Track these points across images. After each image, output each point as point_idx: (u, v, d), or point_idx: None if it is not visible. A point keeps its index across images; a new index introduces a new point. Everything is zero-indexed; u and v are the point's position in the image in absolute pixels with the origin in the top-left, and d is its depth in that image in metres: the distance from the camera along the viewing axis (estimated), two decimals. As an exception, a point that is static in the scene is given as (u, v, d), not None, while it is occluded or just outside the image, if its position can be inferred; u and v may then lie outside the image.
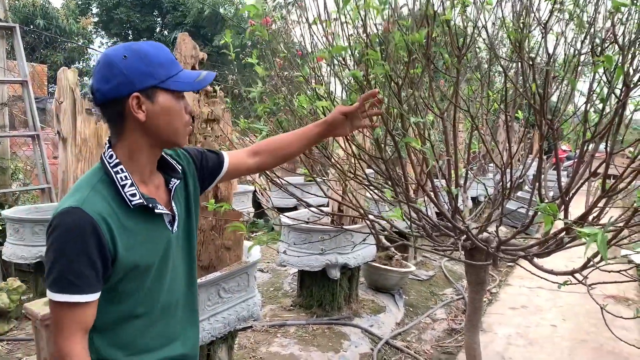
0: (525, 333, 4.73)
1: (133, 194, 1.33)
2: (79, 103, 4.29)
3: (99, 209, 1.27)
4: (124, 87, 1.30)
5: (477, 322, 2.55)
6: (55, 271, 1.24)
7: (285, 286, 5.40)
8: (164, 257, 1.44)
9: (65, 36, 22.05)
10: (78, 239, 1.23)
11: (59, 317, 1.26)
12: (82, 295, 1.25)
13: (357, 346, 4.15)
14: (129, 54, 1.31)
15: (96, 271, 1.27)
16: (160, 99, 1.33)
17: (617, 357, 4.27)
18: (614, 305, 5.34)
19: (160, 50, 1.36)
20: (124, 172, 1.34)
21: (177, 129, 1.39)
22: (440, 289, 5.89)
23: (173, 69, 1.36)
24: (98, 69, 1.33)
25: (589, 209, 1.85)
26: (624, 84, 1.63)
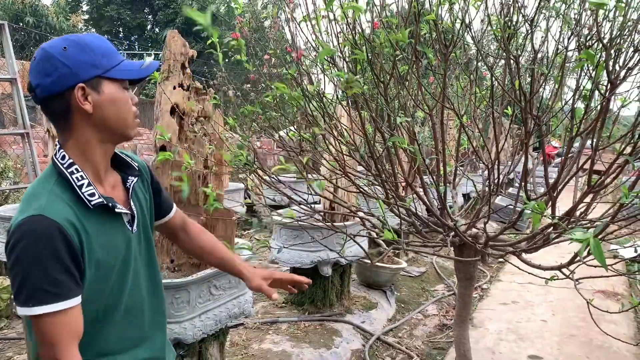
0: (516, 328, 4.77)
1: (91, 194, 1.28)
2: (69, 101, 4.26)
3: (62, 212, 1.21)
4: (67, 79, 1.24)
5: (466, 317, 2.57)
6: (28, 285, 1.16)
7: (277, 283, 5.41)
8: (126, 258, 1.39)
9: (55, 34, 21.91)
10: (47, 246, 1.16)
11: (45, 332, 1.18)
12: (64, 302, 1.18)
13: (349, 342, 4.17)
14: (69, 45, 1.26)
15: (72, 276, 1.20)
16: (106, 89, 1.29)
17: (607, 352, 4.32)
18: (603, 300, 5.39)
19: (102, 41, 1.32)
20: (79, 172, 1.29)
21: (126, 120, 1.34)
22: (431, 285, 5.92)
23: (115, 59, 1.31)
24: (35, 64, 1.26)
25: (575, 204, 1.87)
26: (608, 80, 1.64)
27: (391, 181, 2.23)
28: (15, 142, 7.16)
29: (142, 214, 1.48)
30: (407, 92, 2.00)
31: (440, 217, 2.03)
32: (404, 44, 1.79)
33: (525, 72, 1.94)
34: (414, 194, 2.21)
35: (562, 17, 1.97)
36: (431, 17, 1.67)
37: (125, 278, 1.39)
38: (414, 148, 1.63)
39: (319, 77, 2.32)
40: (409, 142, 2.19)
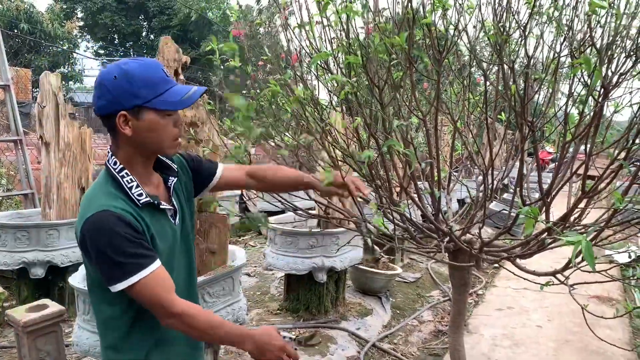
0: (511, 334, 4.76)
1: (140, 194, 1.48)
2: (62, 107, 4.25)
3: (120, 207, 1.41)
4: (112, 105, 1.43)
5: (461, 323, 2.56)
6: (113, 266, 1.38)
7: (272, 290, 5.38)
8: (172, 246, 1.58)
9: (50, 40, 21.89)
10: (118, 232, 1.37)
11: (146, 294, 1.41)
12: (149, 267, 1.40)
13: (344, 349, 4.15)
14: (119, 75, 1.42)
15: (145, 247, 1.42)
16: (147, 116, 1.45)
17: (602, 357, 4.31)
18: (598, 305, 5.40)
19: (150, 70, 1.46)
20: (128, 176, 1.49)
21: (163, 143, 1.51)
22: (427, 291, 5.91)
23: (161, 87, 1.45)
24: (95, 85, 1.47)
25: (569, 210, 1.87)
26: (602, 86, 1.65)
27: (385, 186, 2.22)
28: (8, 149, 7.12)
29: (182, 209, 1.67)
30: (402, 97, 2.00)
31: (435, 222, 2.02)
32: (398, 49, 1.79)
33: (519, 77, 1.95)
34: (409, 199, 2.20)
35: (554, 23, 1.98)
36: (427, 21, 1.67)
37: (171, 264, 1.57)
38: (409, 152, 1.63)
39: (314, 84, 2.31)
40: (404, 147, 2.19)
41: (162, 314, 1.44)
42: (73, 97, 23.96)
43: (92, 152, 4.54)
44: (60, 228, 4.20)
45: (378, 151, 2.04)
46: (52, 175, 4.28)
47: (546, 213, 2.09)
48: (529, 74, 1.78)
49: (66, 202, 4.35)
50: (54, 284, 4.36)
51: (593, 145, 1.78)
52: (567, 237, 1.42)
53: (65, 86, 24.17)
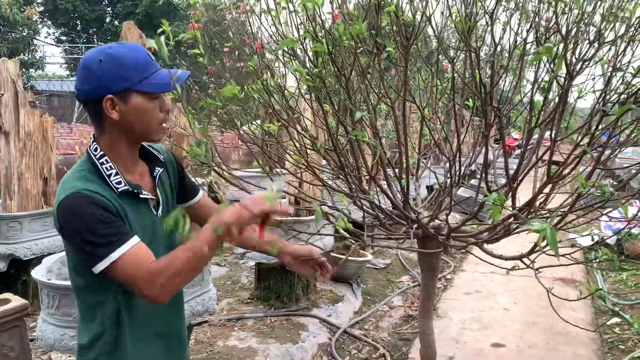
0: (479, 317, 4.85)
1: (118, 182, 1.45)
2: (22, 95, 4.11)
3: (96, 191, 1.39)
4: (99, 90, 1.40)
5: (430, 308, 2.59)
6: (88, 246, 1.36)
7: (242, 279, 5.36)
8: (152, 239, 1.52)
9: (9, 26, 21.13)
10: (90, 213, 1.35)
11: (125, 273, 1.37)
12: (127, 242, 1.37)
13: (315, 336, 4.16)
14: (104, 58, 1.40)
15: (120, 225, 1.38)
16: (133, 100, 1.43)
17: (566, 337, 4.43)
18: (562, 287, 5.54)
19: (136, 53, 1.45)
20: (108, 163, 1.46)
21: (149, 127, 1.48)
22: (397, 277, 5.97)
23: (147, 70, 1.44)
24: (78, 70, 1.44)
25: (534, 195, 1.90)
26: (567, 72, 1.66)
27: (354, 174, 2.22)
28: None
29: (167, 200, 1.63)
30: (369, 84, 1.99)
31: (403, 210, 2.03)
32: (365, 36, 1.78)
33: (486, 64, 1.96)
34: (377, 187, 2.20)
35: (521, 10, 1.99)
36: (391, 9, 1.65)
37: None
38: (374, 142, 1.62)
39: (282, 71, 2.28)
40: (372, 136, 2.18)
41: (143, 284, 1.37)
42: (34, 85, 23.26)
43: (54, 141, 4.42)
44: (23, 220, 4.08)
45: (347, 139, 2.03)
46: (13, 165, 4.15)
47: (512, 199, 2.12)
48: (494, 61, 1.79)
49: (28, 193, 4.23)
50: (17, 277, 4.25)
51: (557, 131, 1.80)
52: (532, 225, 1.44)
53: (26, 74, 23.43)
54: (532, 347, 4.23)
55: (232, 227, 1.37)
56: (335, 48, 1.69)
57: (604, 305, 5.08)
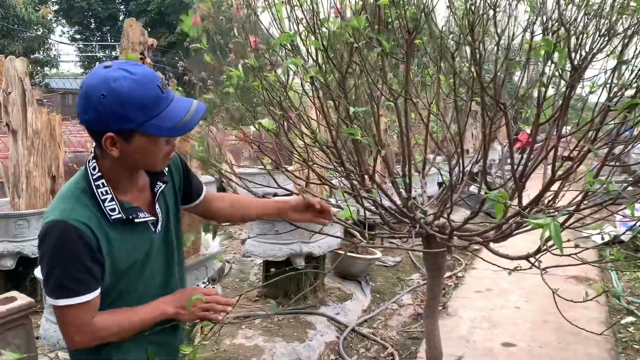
0: (490, 316, 4.78)
1: (112, 209, 1.38)
2: (29, 93, 4.12)
3: (83, 219, 1.32)
4: (98, 124, 1.30)
5: (436, 308, 2.54)
6: (52, 280, 1.32)
7: (251, 277, 5.35)
8: (146, 255, 1.50)
9: (24, 25, 21.35)
10: (68, 249, 1.30)
11: (67, 317, 1.36)
12: (82, 296, 1.34)
13: (323, 335, 4.13)
14: (107, 93, 1.25)
15: (92, 274, 1.34)
16: (137, 141, 1.32)
17: (579, 336, 4.35)
18: (575, 285, 5.44)
19: (145, 89, 1.28)
20: (104, 187, 1.38)
21: (154, 162, 1.42)
22: (406, 275, 5.92)
23: (156, 108, 1.30)
24: (79, 95, 1.31)
25: (539, 193, 1.84)
26: (572, 66, 1.61)
27: (357, 172, 2.17)
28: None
29: (167, 216, 1.58)
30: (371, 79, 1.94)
31: (404, 210, 1.98)
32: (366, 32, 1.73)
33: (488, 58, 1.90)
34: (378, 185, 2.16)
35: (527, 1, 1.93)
36: (384, 2, 1.60)
37: (142, 272, 1.51)
38: (368, 140, 1.58)
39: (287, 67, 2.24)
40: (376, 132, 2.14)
41: (74, 337, 1.39)
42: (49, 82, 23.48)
43: (62, 139, 4.43)
44: (30, 218, 4.10)
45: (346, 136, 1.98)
46: (21, 164, 4.16)
47: (519, 196, 2.06)
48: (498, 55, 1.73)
49: (36, 191, 4.24)
50: (25, 275, 4.27)
51: (563, 127, 1.74)
52: (535, 220, 1.39)
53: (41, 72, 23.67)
54: (543, 347, 4.15)
55: (179, 311, 1.48)
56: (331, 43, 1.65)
57: (619, 304, 4.98)
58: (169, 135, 1.36)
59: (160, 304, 1.50)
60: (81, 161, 6.62)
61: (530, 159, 2.16)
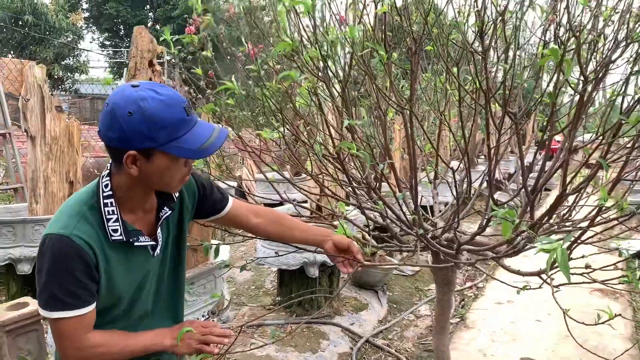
0: (510, 329, 4.65)
1: (115, 230, 1.38)
2: (48, 100, 4.17)
3: (86, 237, 1.33)
4: (121, 142, 1.29)
5: (445, 324, 2.46)
6: (47, 292, 1.32)
7: (267, 284, 5.31)
8: (142, 281, 1.51)
9: (55, 32, 21.85)
10: (67, 264, 1.30)
11: (61, 330, 1.35)
12: (77, 310, 1.34)
13: (336, 346, 4.06)
14: (135, 111, 1.26)
15: (88, 289, 1.35)
16: (157, 160, 1.33)
17: (602, 352, 4.19)
18: (601, 298, 5.27)
19: (172, 110, 1.30)
20: (112, 206, 1.39)
21: (170, 184, 1.42)
22: (425, 285, 5.81)
23: (180, 130, 1.31)
24: (103, 113, 1.31)
25: (550, 208, 1.76)
26: (583, 76, 1.53)
27: (362, 184, 2.12)
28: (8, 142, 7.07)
29: (167, 239, 1.57)
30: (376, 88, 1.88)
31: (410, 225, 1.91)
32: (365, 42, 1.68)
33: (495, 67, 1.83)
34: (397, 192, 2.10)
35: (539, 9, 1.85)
36: (384, 9, 1.55)
37: (138, 294, 1.52)
38: (363, 154, 1.52)
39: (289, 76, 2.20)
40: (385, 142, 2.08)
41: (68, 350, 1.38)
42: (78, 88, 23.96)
43: (80, 145, 4.47)
44: (47, 223, 4.12)
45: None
46: (39, 169, 4.21)
47: (530, 210, 1.98)
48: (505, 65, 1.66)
49: (54, 197, 4.29)
50: (43, 280, 4.30)
51: (573, 140, 1.66)
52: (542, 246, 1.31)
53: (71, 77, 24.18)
54: (564, 363, 4.01)
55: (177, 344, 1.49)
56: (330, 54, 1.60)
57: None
58: (192, 157, 1.37)
59: (159, 334, 1.51)
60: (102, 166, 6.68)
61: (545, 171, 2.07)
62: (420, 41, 1.75)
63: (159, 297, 1.62)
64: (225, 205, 1.75)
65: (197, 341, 1.50)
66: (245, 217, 1.81)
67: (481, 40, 1.78)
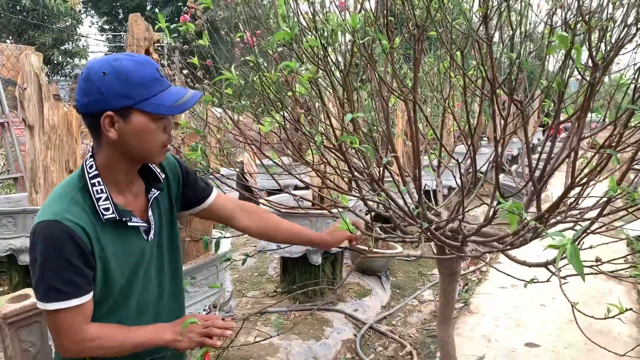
0: (514, 314, 4.64)
1: (106, 208, 1.37)
2: (45, 88, 4.11)
3: (76, 219, 1.31)
4: (98, 104, 1.31)
5: (450, 314, 2.43)
6: (43, 283, 1.30)
7: (270, 271, 5.30)
8: (138, 264, 1.48)
9: (53, 16, 21.62)
10: (59, 251, 1.29)
11: (59, 322, 1.33)
12: (74, 300, 1.32)
13: (340, 332, 4.05)
14: (109, 71, 1.30)
15: (84, 276, 1.33)
16: (135, 119, 1.33)
17: (607, 337, 4.19)
18: (605, 282, 5.24)
19: (144, 68, 1.33)
20: (100, 185, 1.38)
21: (149, 150, 1.40)
22: (428, 269, 5.79)
23: (154, 88, 1.34)
24: (80, 81, 1.34)
25: (558, 199, 1.71)
26: (592, 63, 1.47)
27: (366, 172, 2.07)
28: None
29: (160, 224, 1.56)
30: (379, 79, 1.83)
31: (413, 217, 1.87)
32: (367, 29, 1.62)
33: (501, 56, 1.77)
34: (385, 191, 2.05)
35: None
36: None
37: (134, 282, 1.49)
38: (366, 148, 1.47)
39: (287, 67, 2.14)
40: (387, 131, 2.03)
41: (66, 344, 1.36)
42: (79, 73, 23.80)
43: (79, 133, 4.42)
44: (47, 213, 4.10)
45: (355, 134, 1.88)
46: (38, 159, 4.17)
47: (537, 201, 1.94)
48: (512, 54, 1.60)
49: (54, 186, 4.24)
50: (44, 270, 4.29)
51: (582, 129, 1.60)
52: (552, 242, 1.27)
53: (71, 63, 24.00)
54: (568, 348, 4.00)
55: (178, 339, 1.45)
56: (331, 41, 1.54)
57: (650, 302, 4.78)
58: (167, 113, 1.35)
59: (159, 328, 1.48)
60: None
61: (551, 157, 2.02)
62: (424, 28, 1.69)
63: (161, 282, 1.59)
64: (209, 195, 1.73)
65: (199, 334, 1.48)
66: (232, 210, 1.80)
67: (485, 27, 1.72)
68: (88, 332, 1.36)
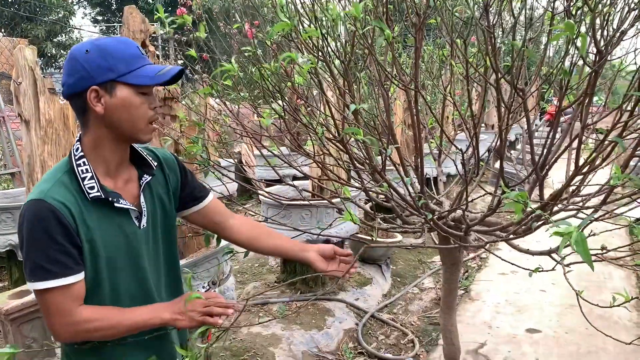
0: (514, 300, 4.65)
1: (91, 187, 1.36)
2: (40, 82, 4.06)
3: (61, 198, 1.32)
4: (84, 81, 1.34)
5: (452, 304, 2.43)
6: (30, 262, 1.31)
7: (270, 261, 5.30)
8: (129, 252, 1.45)
9: (46, 8, 21.45)
10: (44, 228, 1.29)
11: (49, 303, 1.32)
12: (62, 279, 1.31)
13: (342, 322, 4.06)
14: (91, 49, 1.34)
15: (70, 255, 1.32)
16: (119, 93, 1.36)
17: (608, 321, 4.21)
18: (605, 266, 5.26)
19: (125, 45, 1.39)
20: (85, 165, 1.38)
21: (136, 123, 1.40)
22: (429, 257, 5.80)
23: (136, 63, 1.38)
24: (65, 63, 1.38)
25: (561, 189, 1.70)
26: (596, 50, 1.45)
27: (368, 163, 2.06)
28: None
29: (154, 210, 1.54)
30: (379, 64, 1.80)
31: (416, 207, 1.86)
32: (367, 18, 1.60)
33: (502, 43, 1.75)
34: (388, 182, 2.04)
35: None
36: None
37: (128, 272, 1.46)
38: (370, 139, 1.45)
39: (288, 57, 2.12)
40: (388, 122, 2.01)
41: (58, 325, 1.34)
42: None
43: (75, 127, 4.38)
44: (46, 208, 4.08)
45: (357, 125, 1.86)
46: (35, 153, 4.13)
47: (540, 188, 1.93)
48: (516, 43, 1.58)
49: (52, 181, 4.23)
50: (44, 264, 4.28)
51: (587, 117, 1.59)
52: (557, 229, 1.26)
53: (65, 55, 23.82)
54: (569, 333, 4.02)
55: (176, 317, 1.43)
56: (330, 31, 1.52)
57: (650, 286, 4.80)
58: (149, 83, 1.37)
59: (157, 308, 1.46)
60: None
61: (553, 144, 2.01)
62: (425, 16, 1.67)
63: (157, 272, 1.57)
64: (206, 195, 1.73)
65: (200, 313, 1.44)
66: (226, 215, 1.77)
67: (486, 15, 1.70)
68: (79, 314, 1.34)
